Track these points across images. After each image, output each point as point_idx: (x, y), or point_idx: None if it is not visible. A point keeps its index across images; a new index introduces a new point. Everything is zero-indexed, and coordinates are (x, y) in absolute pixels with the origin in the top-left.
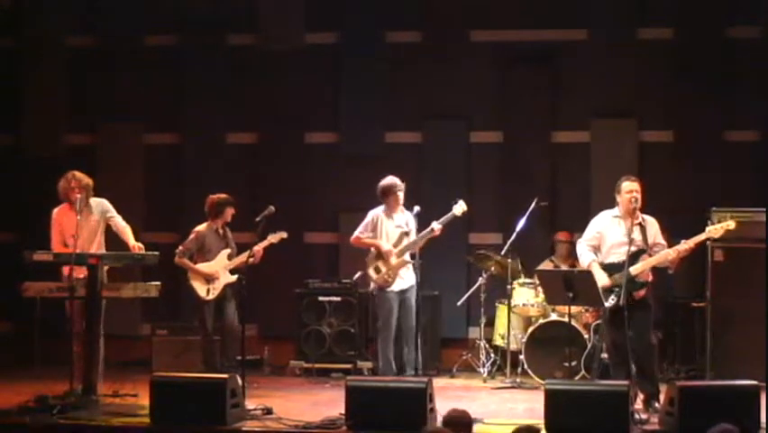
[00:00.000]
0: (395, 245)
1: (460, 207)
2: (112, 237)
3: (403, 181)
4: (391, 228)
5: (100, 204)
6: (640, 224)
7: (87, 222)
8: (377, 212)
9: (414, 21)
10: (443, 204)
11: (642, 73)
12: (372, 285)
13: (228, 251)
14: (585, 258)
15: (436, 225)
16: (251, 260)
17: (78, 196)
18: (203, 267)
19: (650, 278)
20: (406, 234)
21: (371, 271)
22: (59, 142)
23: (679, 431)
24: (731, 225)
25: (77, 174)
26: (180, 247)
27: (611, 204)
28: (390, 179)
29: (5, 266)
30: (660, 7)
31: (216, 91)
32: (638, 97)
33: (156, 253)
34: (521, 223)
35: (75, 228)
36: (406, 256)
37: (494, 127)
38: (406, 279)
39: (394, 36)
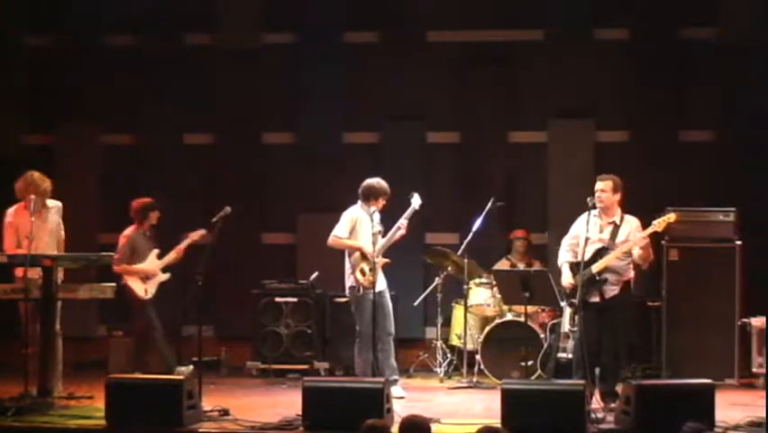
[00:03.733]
0: (372, 246)
1: (417, 200)
2: (72, 238)
3: (360, 182)
4: (368, 228)
5: (58, 207)
6: (614, 222)
7: (45, 224)
8: (356, 212)
9: (371, 21)
10: (400, 204)
11: (598, 74)
12: (356, 288)
13: (157, 251)
14: (560, 257)
15: (403, 222)
16: (174, 259)
17: (33, 197)
18: (141, 267)
19: (629, 276)
20: (380, 233)
21: (359, 274)
22: (18, 143)
23: (635, 430)
24: (672, 217)
25: (36, 175)
26: (116, 255)
27: (568, 204)
28: (381, 183)
29: None
30: (616, 8)
31: (174, 91)
32: (595, 98)
33: (112, 254)
34: (478, 223)
35: (30, 229)
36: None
37: (451, 127)
38: (382, 280)
39: (351, 37)
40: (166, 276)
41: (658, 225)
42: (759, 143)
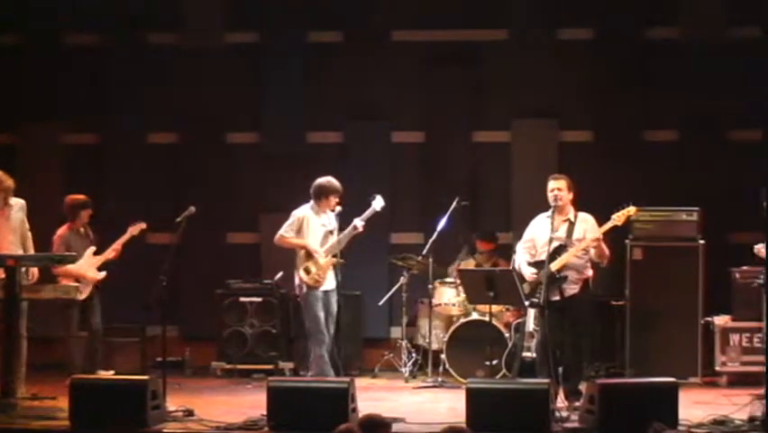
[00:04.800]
0: (321, 245)
1: (378, 202)
2: (34, 238)
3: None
4: (317, 228)
5: (21, 204)
6: (569, 220)
7: (8, 222)
8: (303, 211)
9: (335, 21)
10: (365, 204)
11: (562, 73)
12: (301, 287)
13: (93, 249)
14: (517, 259)
15: (359, 222)
16: (111, 255)
17: None
18: (73, 268)
19: (588, 274)
20: (331, 232)
21: (302, 273)
22: None
23: (599, 429)
24: (631, 210)
25: None
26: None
27: (532, 203)
28: (332, 182)
29: None
30: (579, 8)
31: (137, 90)
32: (558, 98)
33: (75, 254)
34: (442, 223)
35: None
36: (332, 256)
37: (416, 127)
38: (330, 280)
39: (315, 36)
40: (101, 275)
41: (617, 218)
42: (721, 143)
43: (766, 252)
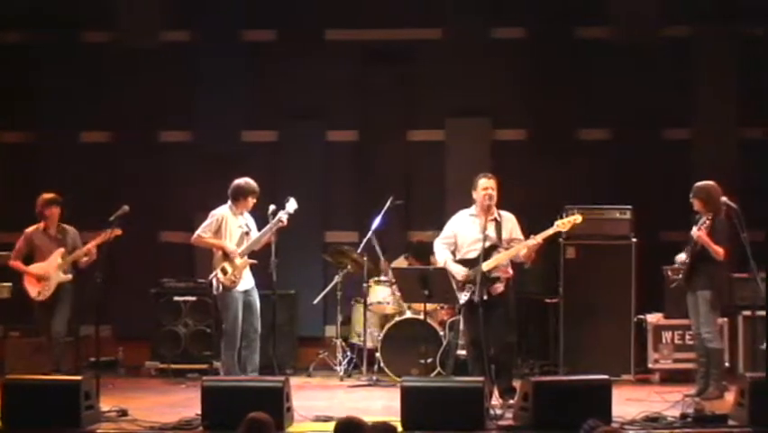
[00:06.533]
0: (237, 245)
1: (292, 204)
2: None
3: (259, 181)
4: (235, 228)
5: None
6: (495, 219)
7: None
8: (222, 212)
9: (269, 20)
10: (299, 201)
11: (496, 72)
12: (218, 287)
13: (61, 250)
14: (440, 256)
15: (284, 215)
16: (84, 258)
17: None
18: (34, 268)
19: (510, 273)
20: (247, 234)
21: (219, 273)
22: None
23: (533, 426)
24: (578, 218)
25: None
26: (13, 252)
27: (466, 202)
28: (249, 183)
29: None
30: (512, 7)
31: (70, 89)
32: (492, 96)
33: (7, 253)
34: (377, 221)
35: None
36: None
37: (350, 126)
38: (247, 279)
39: (250, 35)
40: (66, 277)
41: (563, 225)
42: (654, 142)
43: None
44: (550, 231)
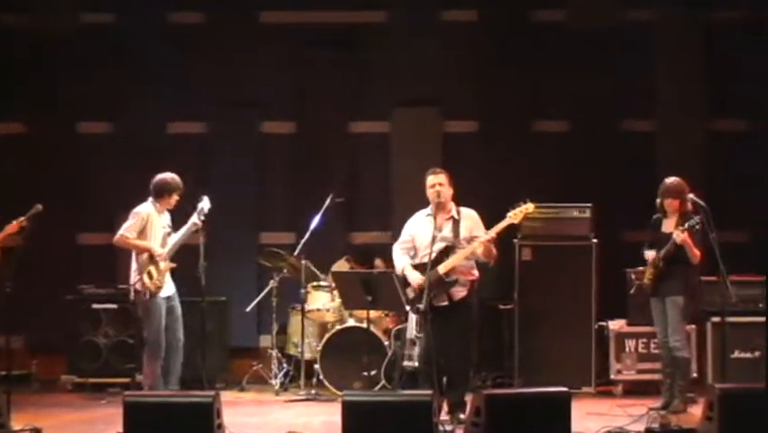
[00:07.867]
0: (161, 247)
1: (206, 203)
2: None
3: (186, 177)
4: (159, 228)
5: None
6: (453, 218)
7: None
8: (147, 210)
9: (199, 0)
10: (232, 199)
11: (445, 59)
12: (144, 293)
13: None
14: (398, 263)
15: (196, 222)
16: None
17: None
18: None
19: (475, 275)
20: (169, 234)
21: (145, 277)
22: None
23: None
24: (530, 207)
25: None
26: None
27: (414, 200)
28: (175, 178)
29: None
30: None
31: None
32: (442, 85)
33: None
34: (316, 221)
35: None
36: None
37: (287, 117)
38: (169, 284)
39: (176, 17)
40: None
41: (514, 216)
42: (614, 134)
43: None
44: (503, 223)
